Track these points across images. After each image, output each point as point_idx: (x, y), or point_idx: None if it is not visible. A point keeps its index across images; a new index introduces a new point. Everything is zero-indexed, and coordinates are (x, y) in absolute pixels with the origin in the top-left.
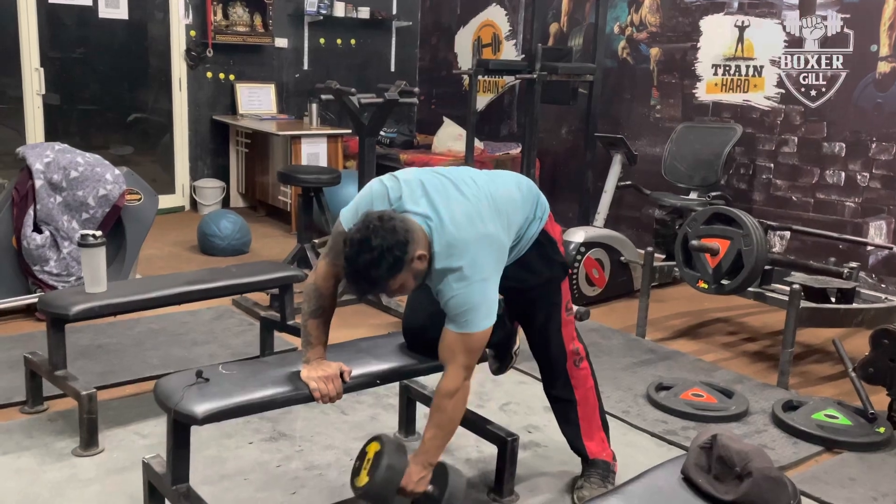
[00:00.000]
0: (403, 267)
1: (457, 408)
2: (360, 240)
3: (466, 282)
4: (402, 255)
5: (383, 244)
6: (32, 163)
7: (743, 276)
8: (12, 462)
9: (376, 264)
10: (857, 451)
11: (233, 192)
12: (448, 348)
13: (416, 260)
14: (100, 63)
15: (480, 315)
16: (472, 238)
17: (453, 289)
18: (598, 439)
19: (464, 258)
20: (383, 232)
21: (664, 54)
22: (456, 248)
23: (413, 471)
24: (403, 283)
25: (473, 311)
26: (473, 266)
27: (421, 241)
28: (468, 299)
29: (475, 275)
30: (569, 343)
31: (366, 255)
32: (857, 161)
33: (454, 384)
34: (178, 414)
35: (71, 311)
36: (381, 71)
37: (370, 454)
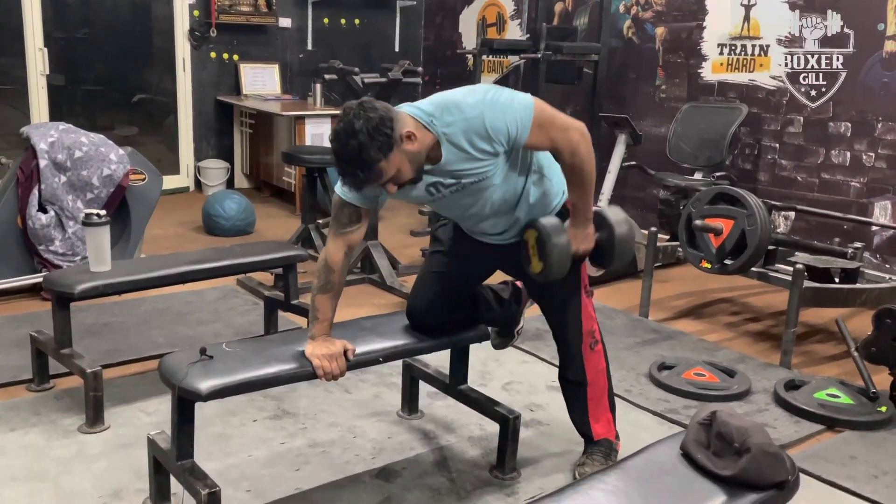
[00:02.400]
0: (393, 145)
1: (590, 155)
2: (344, 128)
3: (476, 99)
4: (389, 131)
5: (367, 125)
6: (37, 142)
7: (746, 256)
8: (19, 438)
9: (365, 146)
10: (859, 430)
11: (237, 173)
12: (542, 132)
13: (406, 139)
14: (104, 43)
15: (517, 98)
16: (474, 116)
17: (474, 112)
18: (605, 420)
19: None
20: (365, 114)
21: (670, 33)
22: (450, 106)
23: (577, 234)
24: (399, 167)
25: (510, 98)
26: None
27: (407, 122)
28: (496, 101)
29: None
30: (587, 324)
31: (353, 141)
32: (863, 141)
33: (570, 140)
34: (182, 390)
35: (76, 290)
36: (385, 51)
37: (531, 241)
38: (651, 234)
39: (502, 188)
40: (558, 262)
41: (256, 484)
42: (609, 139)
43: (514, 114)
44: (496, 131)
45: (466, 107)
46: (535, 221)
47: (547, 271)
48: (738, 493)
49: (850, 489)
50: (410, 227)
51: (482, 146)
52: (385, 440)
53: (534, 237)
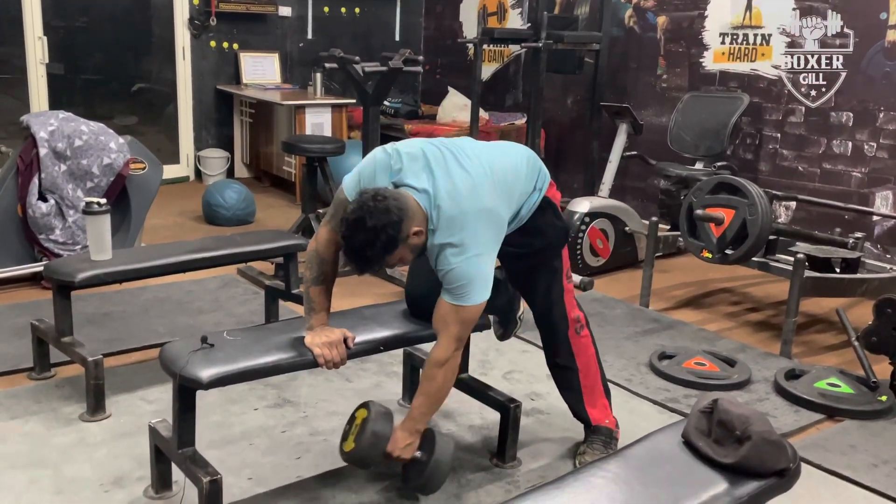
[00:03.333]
0: (398, 245)
1: (446, 377)
2: (355, 220)
3: (463, 256)
4: (396, 234)
5: (377, 224)
6: (37, 131)
7: (747, 246)
8: (20, 426)
9: (371, 244)
10: (859, 419)
11: (237, 163)
12: (442, 318)
13: (413, 236)
14: (103, 32)
15: (476, 289)
16: (470, 212)
17: (450, 262)
18: (601, 406)
19: (461, 232)
20: (377, 213)
21: (671, 23)
22: (454, 223)
23: (399, 437)
24: (401, 257)
25: (469, 284)
26: (471, 240)
27: (417, 216)
28: (465, 273)
29: (472, 249)
30: (570, 311)
31: (360, 236)
32: (865, 131)
33: (445, 354)
34: (183, 379)
35: (76, 279)
36: (385, 40)
37: (358, 420)
38: (652, 223)
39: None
40: (366, 450)
41: (257, 472)
42: (610, 129)
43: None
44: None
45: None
46: (370, 404)
47: (354, 453)
48: (740, 480)
49: (850, 478)
50: None
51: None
52: None
53: (362, 416)
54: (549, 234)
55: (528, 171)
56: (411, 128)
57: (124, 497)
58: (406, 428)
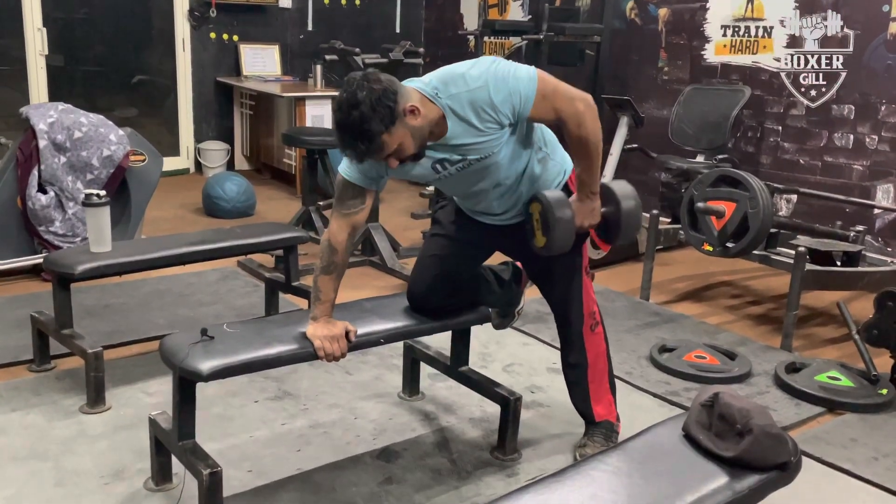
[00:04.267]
0: (396, 119)
1: (594, 128)
2: (347, 98)
3: (481, 70)
4: (392, 104)
5: (371, 95)
6: (36, 123)
7: (748, 239)
8: (21, 419)
9: (367, 118)
10: (859, 413)
11: (237, 155)
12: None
13: (409, 114)
14: (103, 23)
15: (521, 69)
16: (478, 87)
17: (478, 83)
18: (606, 402)
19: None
20: (368, 84)
21: (673, 15)
22: (455, 78)
23: (582, 208)
24: (401, 140)
25: (514, 69)
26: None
27: (411, 96)
28: (500, 72)
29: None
30: (587, 305)
31: (355, 112)
32: (866, 124)
33: (575, 110)
34: (183, 371)
35: (76, 270)
36: (386, 32)
37: (535, 214)
38: (653, 216)
39: (507, 166)
40: (561, 237)
41: (258, 464)
42: (611, 122)
43: (519, 84)
44: (501, 102)
45: (471, 78)
46: (540, 194)
47: (550, 245)
48: (740, 474)
49: (850, 471)
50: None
51: (488, 117)
52: (386, 421)
53: (538, 210)
54: None
55: None
56: None
57: (124, 489)
58: (583, 198)
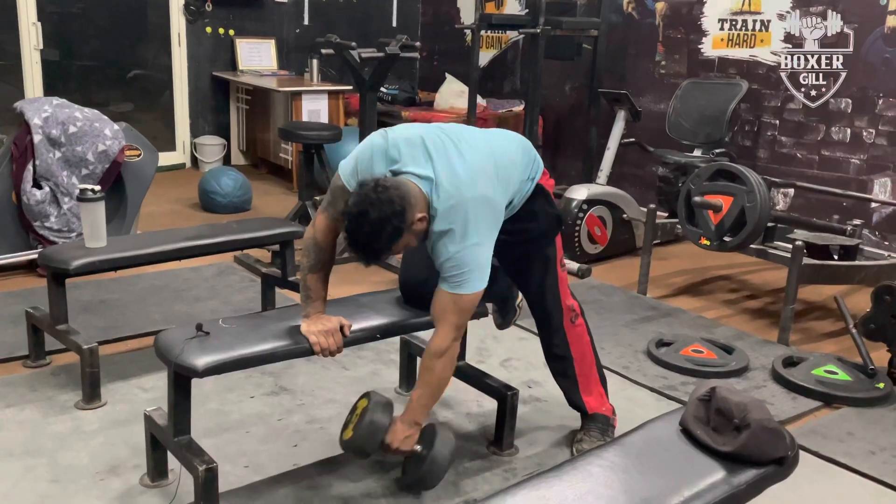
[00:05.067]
0: (403, 234)
1: (445, 368)
2: (359, 214)
3: (462, 244)
4: (401, 223)
5: (381, 216)
6: (31, 118)
7: (746, 233)
8: (16, 414)
9: (376, 236)
10: (856, 407)
11: (233, 150)
12: (440, 307)
13: (417, 222)
14: (98, 18)
15: (474, 277)
16: (470, 200)
17: (449, 251)
18: (597, 394)
19: (460, 221)
20: (380, 204)
21: (670, 8)
22: (453, 211)
23: (399, 429)
24: (407, 243)
25: (468, 273)
26: (469, 229)
27: (419, 203)
28: (463, 261)
29: (470, 238)
30: (564, 299)
31: (365, 229)
32: (864, 117)
33: (444, 343)
34: (178, 367)
35: (71, 266)
36: (382, 26)
37: (359, 410)
38: (650, 211)
39: None
40: (363, 439)
41: (254, 460)
42: (608, 116)
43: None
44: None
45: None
46: (374, 393)
47: (351, 442)
48: (738, 468)
49: (848, 465)
50: None
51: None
52: None
53: (362, 406)
54: (541, 221)
55: (523, 159)
56: (408, 114)
57: (120, 485)
58: (406, 420)
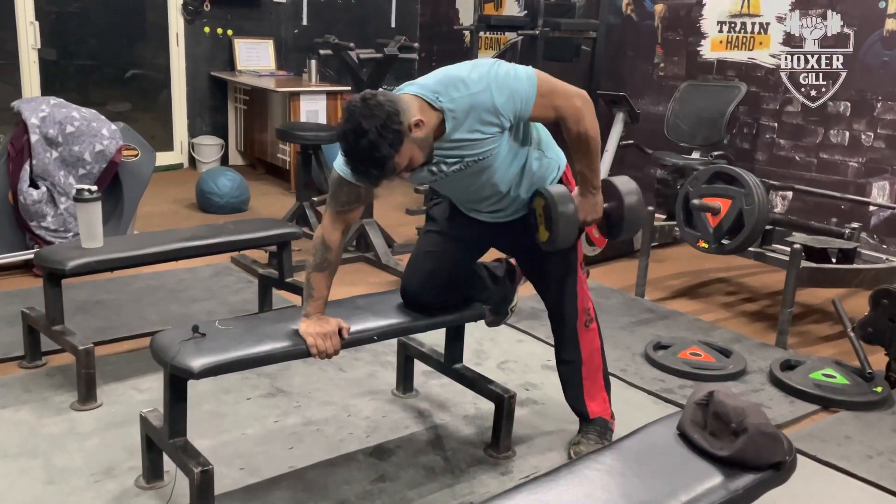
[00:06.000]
0: (403, 138)
1: (592, 124)
2: (352, 128)
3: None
4: (398, 125)
5: (376, 122)
6: (28, 117)
7: (744, 236)
8: (11, 415)
9: (377, 145)
10: (854, 410)
11: (231, 150)
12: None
13: (415, 127)
14: (96, 17)
15: (520, 71)
16: (483, 89)
17: (480, 87)
18: (600, 399)
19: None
20: (370, 111)
21: (669, 11)
22: (455, 82)
23: (584, 203)
24: (411, 155)
25: (513, 72)
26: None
27: (412, 107)
28: (500, 75)
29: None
30: (582, 301)
31: (363, 140)
32: (862, 120)
33: (574, 107)
34: (174, 368)
35: (67, 266)
36: (381, 27)
37: (538, 209)
38: (648, 213)
39: (504, 165)
40: (565, 232)
41: (250, 462)
42: (607, 118)
43: (519, 85)
44: (503, 105)
45: (472, 82)
46: (543, 189)
47: (553, 240)
48: (735, 473)
49: (845, 469)
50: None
51: (488, 121)
52: (379, 419)
53: (541, 205)
54: None
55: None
56: None
57: (115, 487)
58: (585, 193)
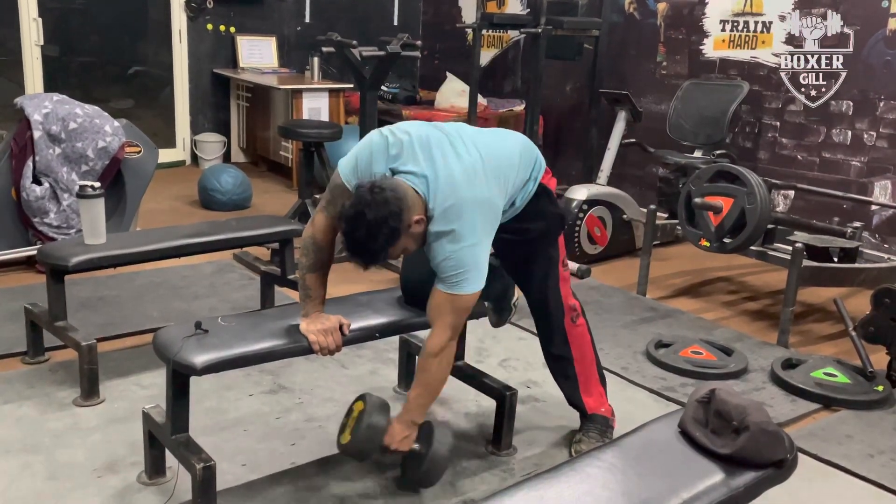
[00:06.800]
0: (400, 236)
1: (441, 367)
2: (355, 216)
3: (459, 244)
4: (398, 225)
5: (377, 217)
6: (31, 113)
7: (746, 235)
8: (14, 411)
9: (373, 238)
10: (855, 409)
11: (234, 147)
12: (436, 308)
13: (414, 224)
14: (99, 14)
15: (471, 277)
16: (467, 201)
17: (446, 250)
18: (597, 394)
19: (457, 221)
20: (376, 205)
21: (671, 9)
22: (450, 211)
23: (396, 429)
24: (405, 246)
25: (465, 273)
26: (466, 229)
27: (416, 205)
28: (460, 262)
29: (467, 238)
30: (566, 299)
31: (362, 231)
32: (864, 120)
33: (440, 343)
34: (177, 364)
35: (70, 262)
36: (383, 25)
37: (355, 413)
38: (650, 211)
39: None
40: (362, 442)
41: (252, 458)
42: (609, 116)
43: (463, 277)
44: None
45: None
46: (367, 396)
47: (350, 445)
48: (737, 471)
49: (846, 468)
50: None
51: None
52: None
53: (359, 409)
54: (544, 220)
55: (522, 160)
56: (409, 113)
57: (117, 482)
58: (403, 420)
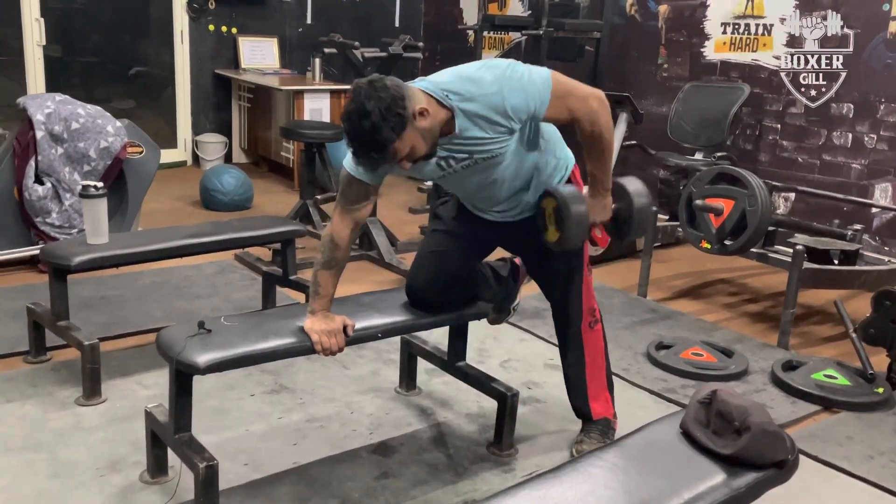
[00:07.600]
0: (406, 124)
1: (607, 126)
2: (356, 109)
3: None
4: (402, 110)
5: (379, 105)
6: (33, 113)
7: (746, 237)
8: (16, 410)
9: (378, 127)
10: (855, 411)
11: (235, 148)
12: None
13: (419, 116)
14: (101, 14)
15: (535, 72)
16: (484, 77)
17: (493, 88)
18: (603, 399)
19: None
20: (376, 93)
21: (673, 12)
22: (466, 81)
23: (595, 204)
24: (413, 143)
25: (528, 73)
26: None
27: (419, 98)
28: (514, 77)
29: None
30: (587, 302)
31: (365, 122)
32: (865, 122)
33: (589, 110)
34: (179, 364)
35: (72, 262)
36: (385, 26)
37: (548, 210)
38: (651, 213)
39: (513, 164)
40: (575, 232)
41: (254, 457)
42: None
43: (534, 87)
44: (515, 109)
45: (485, 83)
46: (554, 189)
47: (563, 240)
48: (738, 471)
49: (846, 469)
50: (409, 203)
51: (500, 123)
52: (383, 416)
53: (552, 206)
54: None
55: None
56: None
57: (120, 481)
58: (595, 194)
